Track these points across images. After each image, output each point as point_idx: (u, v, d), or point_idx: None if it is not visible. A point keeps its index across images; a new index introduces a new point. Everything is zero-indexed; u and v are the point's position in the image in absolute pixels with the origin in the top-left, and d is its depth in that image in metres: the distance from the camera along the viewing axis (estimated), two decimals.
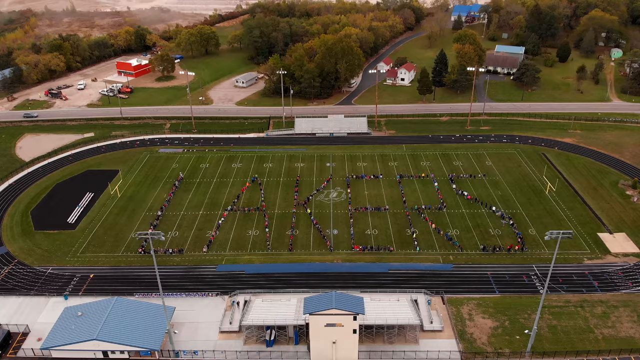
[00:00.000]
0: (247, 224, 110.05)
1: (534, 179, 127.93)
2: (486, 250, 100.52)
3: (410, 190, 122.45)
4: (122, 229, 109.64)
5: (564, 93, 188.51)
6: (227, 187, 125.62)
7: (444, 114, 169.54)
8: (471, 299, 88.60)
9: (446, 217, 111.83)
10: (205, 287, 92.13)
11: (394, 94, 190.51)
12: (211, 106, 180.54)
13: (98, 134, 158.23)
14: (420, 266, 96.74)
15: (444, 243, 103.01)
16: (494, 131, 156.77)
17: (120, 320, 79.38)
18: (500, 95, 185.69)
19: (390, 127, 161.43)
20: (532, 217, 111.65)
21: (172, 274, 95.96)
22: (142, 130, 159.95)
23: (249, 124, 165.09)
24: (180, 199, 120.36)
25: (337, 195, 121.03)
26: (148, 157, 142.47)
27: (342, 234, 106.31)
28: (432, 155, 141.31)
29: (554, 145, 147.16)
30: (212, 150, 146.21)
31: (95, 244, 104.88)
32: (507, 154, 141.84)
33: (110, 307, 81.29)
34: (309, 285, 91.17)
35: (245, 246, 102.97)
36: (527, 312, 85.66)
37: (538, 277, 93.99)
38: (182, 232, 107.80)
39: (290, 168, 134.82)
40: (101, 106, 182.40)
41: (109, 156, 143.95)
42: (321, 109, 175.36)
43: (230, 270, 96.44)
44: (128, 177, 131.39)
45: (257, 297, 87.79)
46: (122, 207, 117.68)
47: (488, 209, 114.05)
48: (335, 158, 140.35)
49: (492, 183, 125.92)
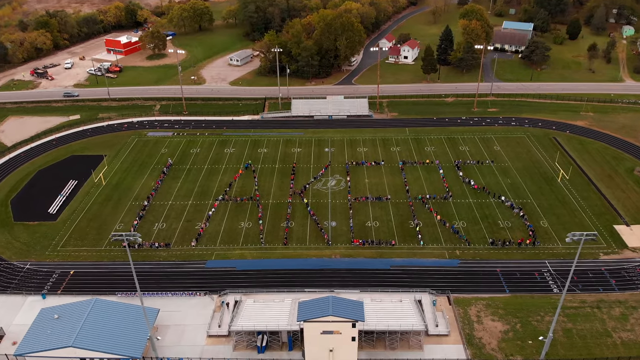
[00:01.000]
0: (239, 215, 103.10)
1: (545, 165, 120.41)
2: (495, 244, 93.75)
3: (413, 178, 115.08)
4: (105, 220, 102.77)
5: (574, 72, 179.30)
6: (219, 174, 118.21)
7: (449, 95, 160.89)
8: (479, 298, 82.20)
9: (452, 207, 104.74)
10: (193, 285, 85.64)
11: (396, 73, 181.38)
12: (204, 86, 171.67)
13: (84, 116, 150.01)
14: (424, 262, 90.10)
15: (449, 236, 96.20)
16: (502, 113, 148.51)
17: (98, 325, 72.93)
18: (508, 75, 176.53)
19: (392, 109, 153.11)
20: (543, 207, 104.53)
21: (157, 271, 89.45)
22: (131, 112, 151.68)
23: (243, 105, 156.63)
24: (169, 188, 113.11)
25: (335, 183, 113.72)
26: (136, 141, 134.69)
27: (341, 226, 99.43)
28: (437, 139, 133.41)
29: (565, 128, 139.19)
30: (204, 134, 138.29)
31: (77, 237, 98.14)
32: (516, 138, 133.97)
33: (88, 309, 74.78)
34: (304, 284, 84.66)
35: (236, 239, 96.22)
36: (540, 313, 79.34)
37: (551, 274, 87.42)
38: (169, 224, 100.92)
39: (286, 153, 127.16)
40: (89, 86, 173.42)
41: (94, 140, 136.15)
42: (320, 90, 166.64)
43: (220, 266, 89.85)
44: (114, 163, 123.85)
45: (248, 297, 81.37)
46: (106, 196, 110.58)
47: (497, 198, 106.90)
48: (334, 143, 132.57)
49: (500, 170, 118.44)
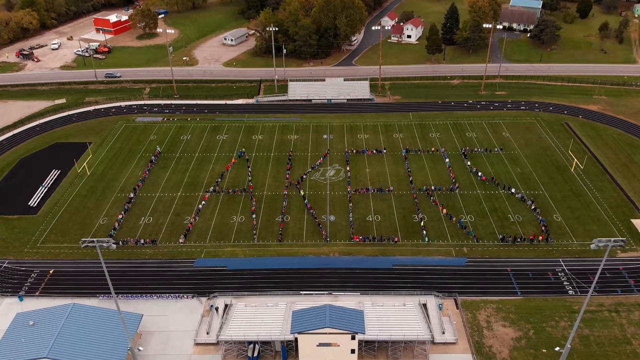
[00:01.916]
0: (232, 208, 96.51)
1: (557, 153, 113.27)
2: (505, 240, 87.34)
3: (417, 168, 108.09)
4: (89, 213, 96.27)
5: (585, 53, 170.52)
6: (211, 163, 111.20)
7: (455, 77, 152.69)
8: (489, 301, 76.15)
9: (459, 199, 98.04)
10: (180, 286, 79.57)
11: (399, 53, 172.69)
12: (196, 67, 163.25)
13: (70, 101, 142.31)
14: (429, 260, 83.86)
15: (456, 232, 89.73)
16: (511, 97, 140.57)
17: (76, 333, 67.05)
18: (516, 56, 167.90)
19: (395, 92, 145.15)
20: (556, 199, 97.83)
21: (142, 270, 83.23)
22: (119, 95, 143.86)
23: (237, 88, 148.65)
24: (157, 178, 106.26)
25: (334, 173, 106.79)
26: (123, 127, 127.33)
27: (340, 220, 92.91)
28: (443, 125, 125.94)
29: (578, 112, 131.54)
30: (195, 119, 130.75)
31: (58, 232, 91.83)
32: (526, 123, 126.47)
33: (65, 316, 68.89)
34: (300, 285, 78.56)
35: (228, 235, 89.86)
36: (555, 318, 73.41)
37: (566, 274, 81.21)
38: (156, 218, 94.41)
39: (282, 141, 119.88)
40: (76, 68, 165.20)
41: (80, 126, 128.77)
42: (318, 71, 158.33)
43: (210, 265, 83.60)
44: (100, 151, 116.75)
45: (239, 300, 75.32)
46: (90, 188, 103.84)
47: (506, 190, 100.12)
48: (334, 129, 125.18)
49: (510, 158, 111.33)
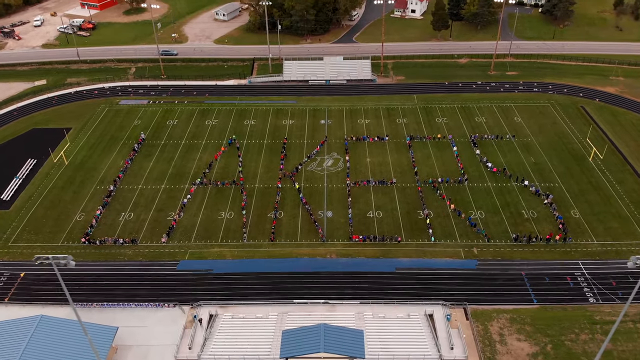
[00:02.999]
0: (220, 203, 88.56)
1: (574, 140, 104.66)
2: (519, 240, 79.65)
3: (423, 157, 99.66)
4: (65, 208, 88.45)
5: (600, 30, 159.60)
6: (198, 151, 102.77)
7: (463, 55, 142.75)
8: (502, 311, 68.92)
9: (468, 193, 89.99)
10: (161, 292, 72.22)
11: (403, 29, 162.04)
12: (185, 45, 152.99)
13: (51, 82, 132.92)
14: (435, 263, 76.31)
15: (465, 230, 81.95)
16: (523, 77, 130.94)
17: (43, 350, 60.14)
18: (527, 32, 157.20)
19: (398, 72, 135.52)
20: (573, 193, 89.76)
21: (120, 274, 75.78)
22: (103, 75, 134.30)
23: (228, 67, 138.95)
24: (139, 168, 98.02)
25: (332, 163, 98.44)
26: (106, 111, 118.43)
27: (338, 217, 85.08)
28: (450, 108, 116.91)
29: (595, 95, 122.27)
30: (183, 102, 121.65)
31: (32, 230, 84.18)
32: (540, 107, 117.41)
33: (32, 329, 61.84)
34: (294, 292, 71.22)
35: (215, 234, 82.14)
36: (575, 330, 66.29)
37: (586, 278, 73.81)
38: (137, 214, 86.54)
39: (276, 126, 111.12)
40: (58, 46, 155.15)
41: (60, 110, 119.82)
42: (316, 49, 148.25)
43: (194, 268, 76.07)
44: (80, 137, 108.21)
45: (225, 310, 68.11)
46: (68, 179, 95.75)
47: (519, 182, 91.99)
48: (332, 113, 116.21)
49: (522, 146, 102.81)
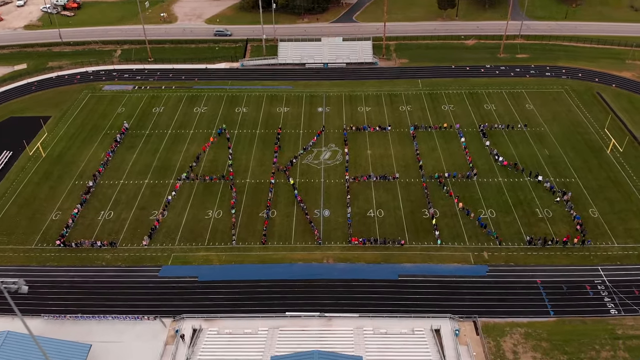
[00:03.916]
0: (207, 201, 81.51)
1: (590, 130, 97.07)
2: (534, 243, 72.85)
3: (428, 149, 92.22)
4: (40, 206, 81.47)
5: (614, 10, 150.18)
6: (185, 142, 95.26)
7: (470, 36, 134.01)
8: (516, 324, 62.44)
9: (477, 189, 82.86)
10: (141, 302, 65.73)
11: (406, 7, 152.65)
12: (174, 25, 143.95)
13: (32, 66, 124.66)
14: (442, 269, 69.61)
15: (475, 231, 75.05)
16: (534, 60, 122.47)
17: None
18: (538, 11, 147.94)
19: (401, 54, 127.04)
20: (591, 189, 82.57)
21: (96, 281, 69.10)
22: (86, 59, 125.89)
23: (220, 49, 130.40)
24: (121, 161, 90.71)
25: (330, 156, 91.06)
26: (88, 98, 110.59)
27: (336, 216, 78.13)
28: (457, 94, 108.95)
29: (611, 80, 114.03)
30: (170, 87, 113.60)
31: (4, 231, 77.12)
32: (553, 93, 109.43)
33: None
34: (286, 302, 64.67)
35: (201, 236, 75.27)
36: (595, 346, 59.86)
37: (606, 286, 67.18)
38: (118, 213, 79.57)
39: (270, 114, 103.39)
40: (41, 27, 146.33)
41: (39, 97, 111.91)
42: (313, 29, 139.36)
43: (178, 275, 69.36)
44: (59, 126, 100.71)
45: (210, 324, 61.74)
46: (45, 174, 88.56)
47: (533, 177, 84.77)
48: (330, 100, 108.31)
49: (535, 137, 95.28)
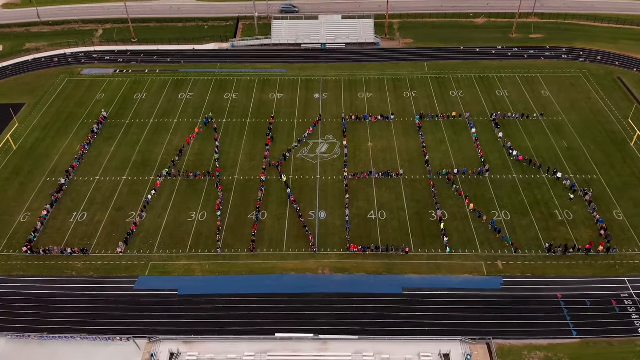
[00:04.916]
0: (191, 201, 73.69)
1: (612, 119, 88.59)
2: (553, 250, 65.38)
3: (435, 141, 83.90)
4: (8, 206, 73.70)
5: None
6: (168, 133, 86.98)
7: (480, 14, 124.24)
8: (535, 347, 55.37)
9: (489, 188, 74.97)
10: (114, 320, 58.58)
11: None
12: (161, 3, 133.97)
13: (7, 48, 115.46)
14: (452, 282, 62.25)
15: (487, 237, 67.47)
16: (549, 41, 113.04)
17: None
18: None
19: (406, 34, 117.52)
20: (615, 188, 74.58)
21: (65, 294, 61.77)
22: (65, 40, 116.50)
23: (209, 28, 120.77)
24: (98, 155, 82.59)
25: (327, 149, 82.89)
26: (66, 82, 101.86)
27: (333, 218, 70.45)
28: (466, 79, 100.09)
29: (632, 64, 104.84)
30: (154, 71, 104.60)
31: None
32: (570, 77, 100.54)
33: None
34: (276, 321, 57.58)
35: (183, 241, 67.72)
36: None
37: (634, 301, 59.98)
38: (91, 215, 71.90)
39: (261, 101, 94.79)
40: (20, 6, 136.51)
41: (15, 82, 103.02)
42: (310, 5, 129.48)
43: (156, 287, 62.02)
44: (33, 115, 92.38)
45: (190, 347, 54.70)
46: (14, 169, 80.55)
47: (551, 174, 76.81)
48: (328, 85, 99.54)
49: (553, 127, 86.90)
